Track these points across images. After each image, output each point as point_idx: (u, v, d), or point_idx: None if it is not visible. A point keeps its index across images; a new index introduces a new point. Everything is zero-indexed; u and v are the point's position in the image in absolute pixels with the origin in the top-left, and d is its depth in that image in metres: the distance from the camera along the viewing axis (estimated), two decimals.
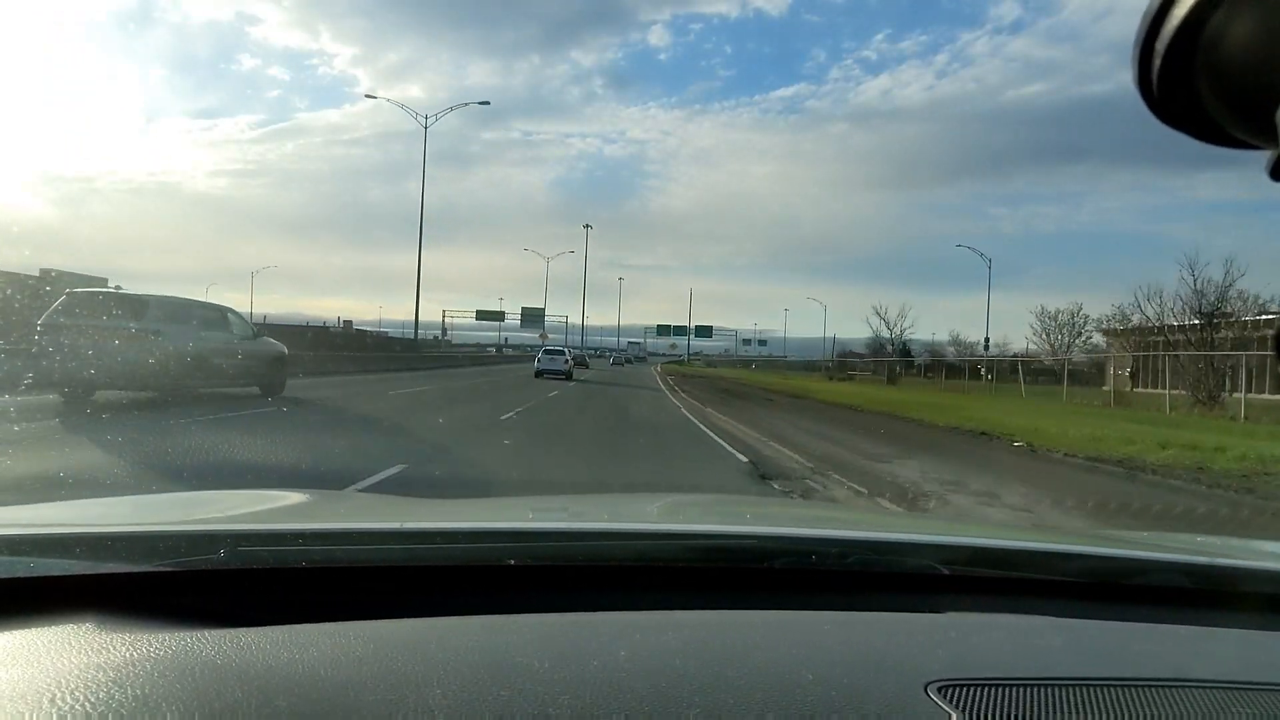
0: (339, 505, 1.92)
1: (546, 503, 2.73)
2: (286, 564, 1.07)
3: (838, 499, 7.23)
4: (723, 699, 0.78)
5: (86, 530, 1.13)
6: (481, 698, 0.76)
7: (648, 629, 0.98)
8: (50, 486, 5.36)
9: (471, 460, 8.59)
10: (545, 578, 1.14)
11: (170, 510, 1.63)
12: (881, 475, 8.69)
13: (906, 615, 1.11)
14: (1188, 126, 0.51)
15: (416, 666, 0.81)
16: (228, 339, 13.71)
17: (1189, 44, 0.47)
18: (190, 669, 0.79)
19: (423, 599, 1.03)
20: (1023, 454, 11.53)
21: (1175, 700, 0.83)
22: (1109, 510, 7.18)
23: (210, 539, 1.09)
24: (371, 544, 1.20)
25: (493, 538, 1.28)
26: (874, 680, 0.86)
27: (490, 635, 0.93)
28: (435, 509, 2.01)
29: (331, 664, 0.81)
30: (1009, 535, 2.01)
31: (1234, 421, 18.91)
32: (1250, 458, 10.05)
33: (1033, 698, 0.82)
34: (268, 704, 0.74)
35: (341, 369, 26.54)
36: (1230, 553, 1.54)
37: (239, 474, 6.47)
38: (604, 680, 0.81)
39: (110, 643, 0.84)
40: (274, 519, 1.51)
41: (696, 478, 8.20)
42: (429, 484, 6.76)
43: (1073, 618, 1.11)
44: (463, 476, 7.45)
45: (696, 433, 13.24)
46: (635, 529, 1.45)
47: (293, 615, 0.94)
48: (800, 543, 1.29)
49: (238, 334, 14.20)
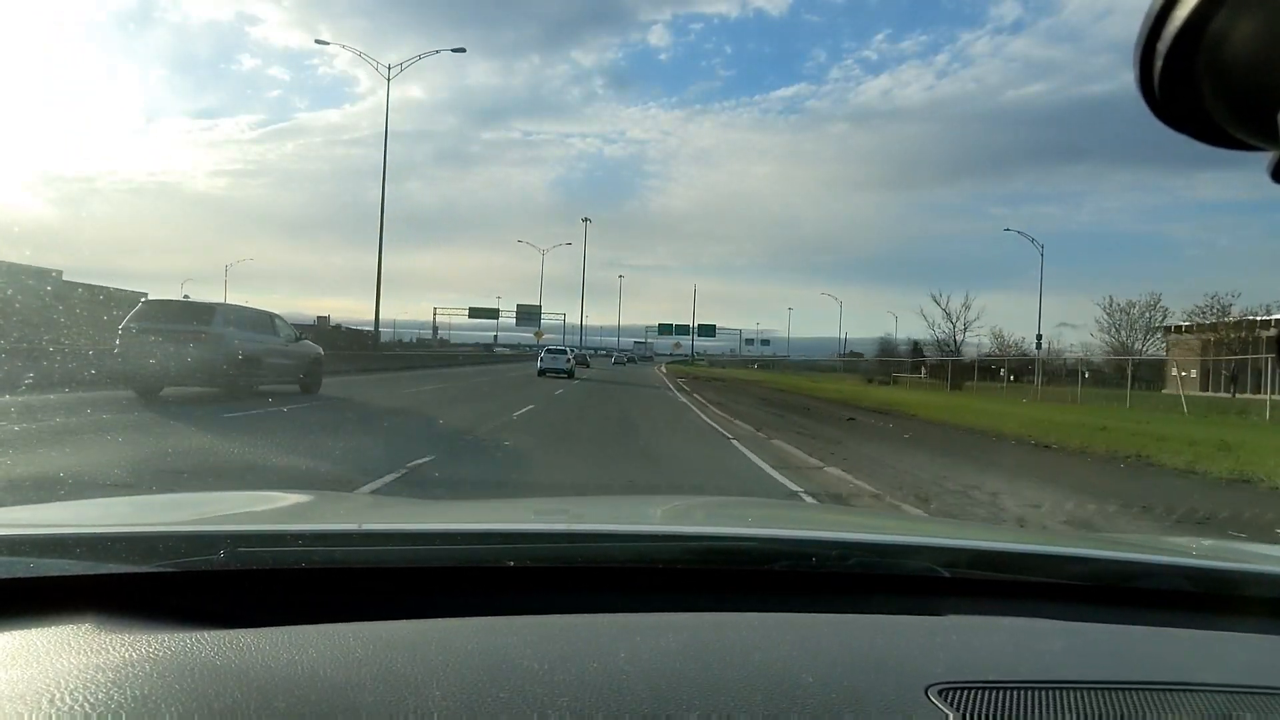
0: (339, 506, 1.93)
1: (546, 504, 2.75)
2: (285, 565, 1.07)
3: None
4: (722, 701, 0.78)
5: (86, 531, 1.14)
6: (480, 699, 0.76)
7: (647, 631, 0.98)
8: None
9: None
10: (544, 579, 1.14)
11: (170, 511, 1.63)
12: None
13: (907, 618, 1.11)
14: (1189, 127, 0.51)
15: (415, 667, 0.82)
16: (276, 341, 15.46)
17: (1191, 45, 0.46)
18: (189, 669, 0.80)
19: (422, 600, 1.04)
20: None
21: (1178, 704, 0.82)
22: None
23: (209, 540, 1.10)
24: (370, 545, 1.21)
25: (491, 539, 1.29)
26: (874, 682, 0.86)
27: (489, 637, 0.93)
28: (434, 510, 2.04)
29: (330, 665, 0.82)
30: (1009, 538, 1.99)
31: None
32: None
33: (1034, 701, 0.81)
34: (267, 705, 0.74)
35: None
36: (1233, 556, 1.53)
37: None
38: (603, 682, 0.81)
39: (109, 643, 0.84)
40: (273, 520, 1.52)
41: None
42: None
43: (1074, 621, 1.10)
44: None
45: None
46: (634, 530, 1.45)
47: (292, 616, 0.94)
48: (800, 544, 1.29)
49: (283, 337, 15.92)
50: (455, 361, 49.18)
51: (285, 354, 15.65)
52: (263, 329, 15.23)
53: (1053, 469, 10.46)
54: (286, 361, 15.67)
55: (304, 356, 16.50)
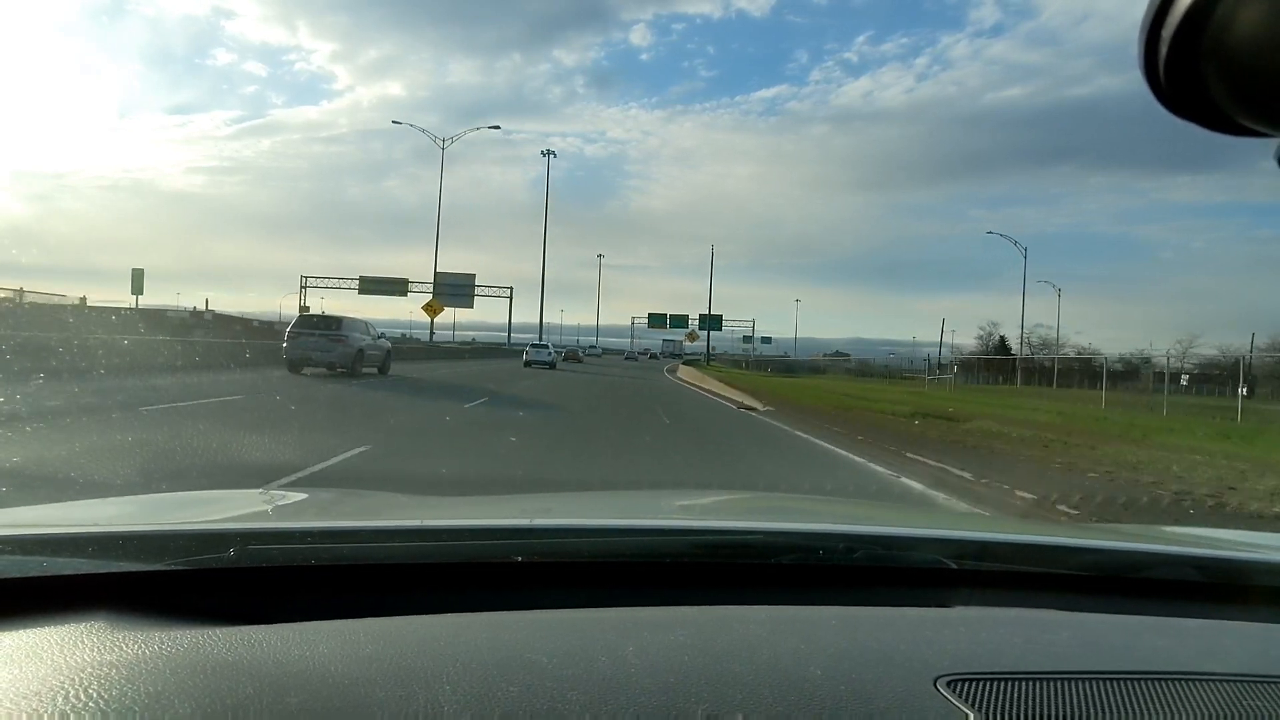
0: (347, 503, 1.94)
1: (554, 500, 2.79)
2: (295, 562, 1.08)
3: None
4: (730, 694, 0.78)
5: (98, 530, 1.15)
6: (490, 694, 0.76)
7: (655, 625, 0.98)
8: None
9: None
10: (553, 574, 1.15)
11: (180, 510, 1.65)
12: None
13: (914, 610, 1.10)
14: (1194, 114, 0.50)
15: (425, 663, 0.82)
16: (369, 339, 23.60)
17: (1196, 31, 0.46)
18: (202, 666, 0.80)
19: (431, 596, 1.05)
20: None
21: (1185, 694, 0.82)
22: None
23: (220, 538, 1.10)
24: (379, 542, 1.21)
25: (500, 535, 1.30)
26: (882, 675, 0.85)
27: (498, 632, 0.93)
28: (443, 507, 2.10)
29: (341, 661, 0.82)
30: (1016, 529, 1.99)
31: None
32: None
33: (1042, 692, 0.81)
34: (279, 700, 0.75)
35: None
36: (1240, 546, 1.54)
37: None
38: (612, 676, 0.81)
39: (122, 640, 0.85)
40: (283, 518, 1.54)
41: None
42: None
43: (1082, 612, 1.10)
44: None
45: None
46: (642, 525, 1.45)
47: (302, 613, 0.95)
48: (807, 538, 1.29)
49: (372, 335, 24.10)
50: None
51: (375, 347, 23.80)
52: (363, 331, 23.37)
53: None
54: (375, 352, 23.81)
55: (383, 349, 24.62)
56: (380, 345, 24.64)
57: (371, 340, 23.87)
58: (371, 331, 24.38)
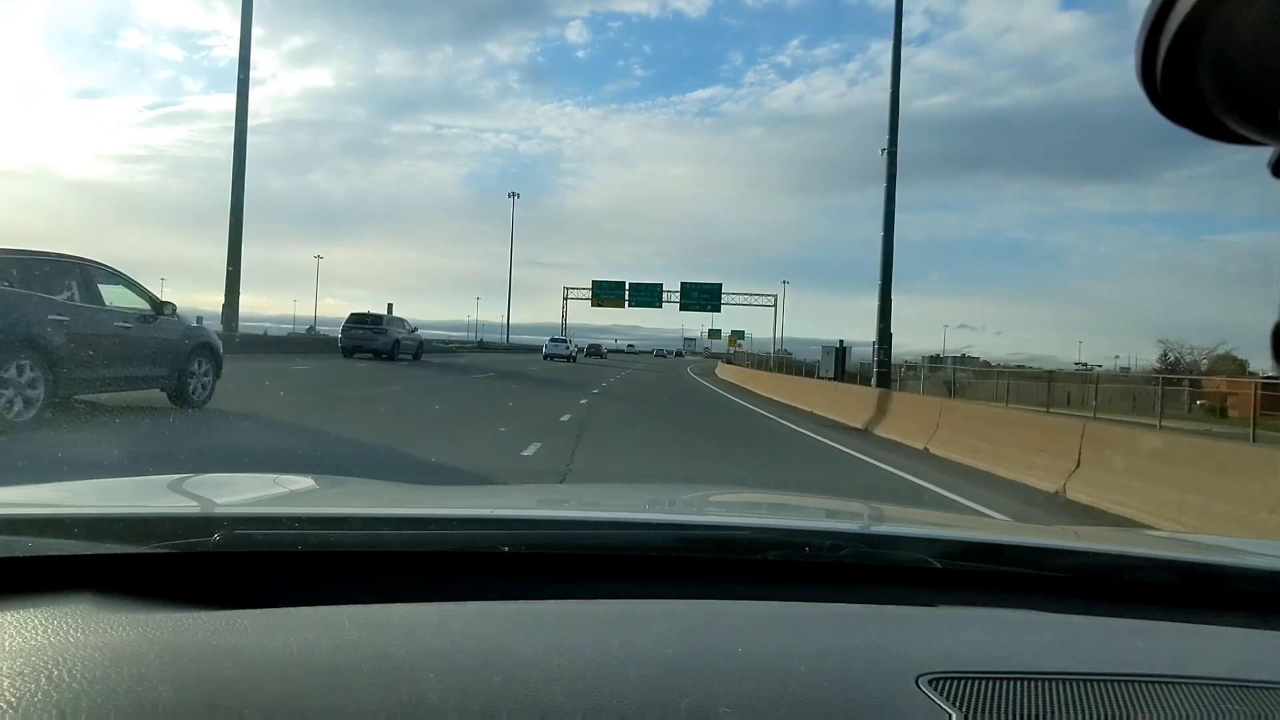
0: (337, 490, 1.93)
1: (544, 491, 2.81)
2: (281, 548, 1.08)
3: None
4: (715, 689, 0.79)
5: (85, 512, 1.15)
6: (474, 684, 0.77)
7: (641, 618, 0.98)
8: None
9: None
10: (539, 565, 1.15)
11: (168, 493, 1.63)
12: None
13: (899, 608, 1.11)
14: (1189, 121, 0.50)
15: (410, 651, 0.82)
16: (405, 332, 29.45)
17: (1194, 37, 0.46)
18: (185, 649, 0.80)
19: (417, 584, 1.05)
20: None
21: (1164, 697, 0.83)
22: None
23: (207, 522, 1.11)
24: (367, 529, 1.22)
25: (487, 525, 1.31)
26: (866, 672, 0.86)
27: (484, 622, 0.94)
28: (433, 495, 2.09)
29: (324, 647, 0.82)
30: (1001, 530, 2.01)
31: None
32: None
33: (1023, 691, 0.82)
34: (259, 685, 0.75)
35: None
36: (1221, 551, 1.56)
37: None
38: (597, 668, 0.81)
39: (107, 622, 0.85)
40: (270, 503, 1.54)
41: None
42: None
43: (1064, 613, 1.11)
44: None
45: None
46: (630, 518, 1.46)
47: (288, 599, 0.95)
48: (794, 534, 1.30)
49: (408, 329, 29.98)
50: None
51: (411, 339, 29.77)
52: (401, 325, 29.33)
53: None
54: (411, 343, 29.74)
55: (416, 339, 30.62)
56: (415, 337, 30.69)
57: (407, 333, 29.89)
58: (407, 326, 30.39)
